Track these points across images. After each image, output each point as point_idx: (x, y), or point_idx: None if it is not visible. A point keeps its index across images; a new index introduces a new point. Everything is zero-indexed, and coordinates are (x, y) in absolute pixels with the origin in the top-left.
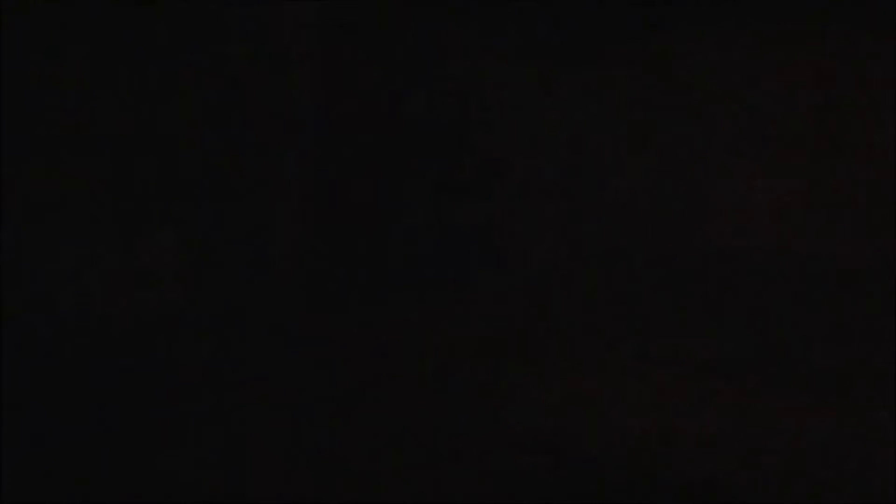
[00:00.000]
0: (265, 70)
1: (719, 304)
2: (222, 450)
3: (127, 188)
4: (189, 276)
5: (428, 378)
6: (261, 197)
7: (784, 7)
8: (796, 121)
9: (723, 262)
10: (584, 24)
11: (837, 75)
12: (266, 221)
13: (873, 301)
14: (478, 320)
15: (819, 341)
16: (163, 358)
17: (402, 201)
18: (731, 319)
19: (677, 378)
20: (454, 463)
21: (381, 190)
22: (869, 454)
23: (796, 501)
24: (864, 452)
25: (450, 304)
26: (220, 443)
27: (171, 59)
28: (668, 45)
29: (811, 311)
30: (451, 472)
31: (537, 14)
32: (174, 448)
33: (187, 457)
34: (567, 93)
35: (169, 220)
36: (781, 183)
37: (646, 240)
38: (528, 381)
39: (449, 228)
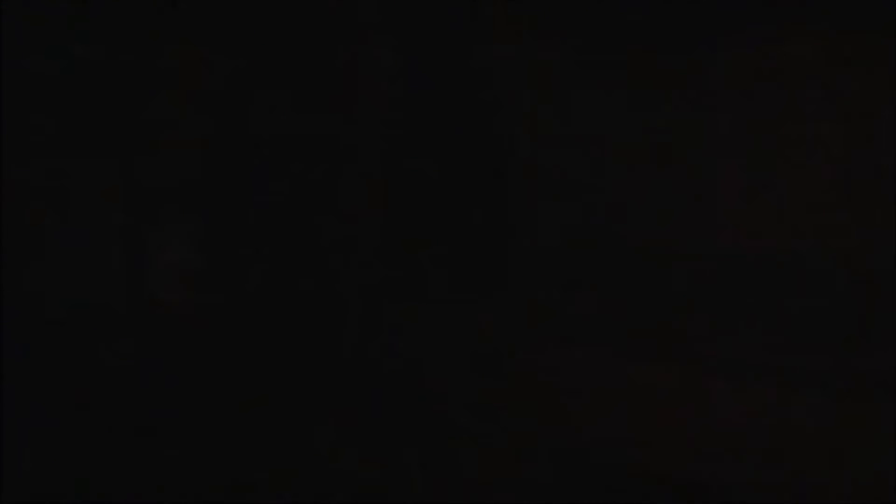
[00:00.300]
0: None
1: (723, 304)
2: (224, 450)
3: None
4: (215, 275)
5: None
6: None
7: (784, 8)
8: (800, 123)
9: (727, 263)
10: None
11: (838, 76)
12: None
13: (876, 301)
14: (503, 315)
15: (821, 342)
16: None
17: (455, 201)
18: (733, 320)
19: (680, 377)
20: (456, 460)
21: (436, 192)
22: (870, 454)
23: (796, 501)
24: (865, 452)
25: (482, 297)
26: (222, 442)
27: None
28: (687, 53)
29: (813, 312)
30: (452, 471)
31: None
32: (175, 448)
33: (189, 457)
34: (593, 96)
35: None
36: (793, 184)
37: (658, 240)
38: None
39: (489, 228)
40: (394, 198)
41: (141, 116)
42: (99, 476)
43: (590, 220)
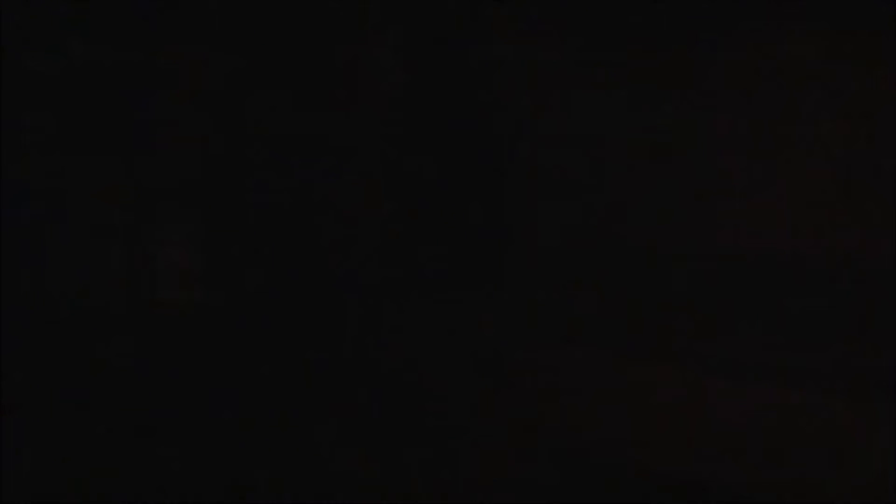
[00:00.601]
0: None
1: (723, 304)
2: (224, 449)
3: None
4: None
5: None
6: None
7: (784, 8)
8: (801, 123)
9: (727, 263)
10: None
11: (838, 76)
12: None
13: (876, 301)
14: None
15: (821, 342)
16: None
17: (457, 201)
18: (733, 320)
19: (680, 377)
20: (456, 460)
21: (438, 191)
22: (870, 454)
23: (796, 501)
24: (865, 452)
25: (482, 297)
26: (223, 442)
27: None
28: (687, 53)
29: (813, 312)
30: (454, 470)
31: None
32: (175, 447)
33: (189, 456)
34: (594, 96)
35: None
36: (793, 184)
37: (658, 240)
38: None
39: (489, 227)
40: (393, 198)
41: (141, 116)
42: (99, 476)
43: (590, 220)
